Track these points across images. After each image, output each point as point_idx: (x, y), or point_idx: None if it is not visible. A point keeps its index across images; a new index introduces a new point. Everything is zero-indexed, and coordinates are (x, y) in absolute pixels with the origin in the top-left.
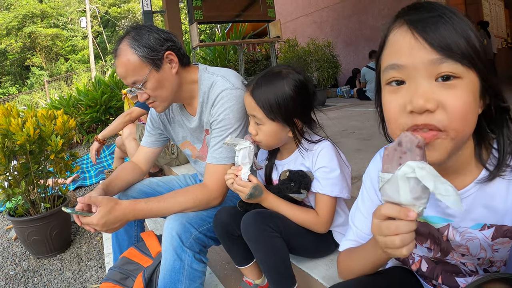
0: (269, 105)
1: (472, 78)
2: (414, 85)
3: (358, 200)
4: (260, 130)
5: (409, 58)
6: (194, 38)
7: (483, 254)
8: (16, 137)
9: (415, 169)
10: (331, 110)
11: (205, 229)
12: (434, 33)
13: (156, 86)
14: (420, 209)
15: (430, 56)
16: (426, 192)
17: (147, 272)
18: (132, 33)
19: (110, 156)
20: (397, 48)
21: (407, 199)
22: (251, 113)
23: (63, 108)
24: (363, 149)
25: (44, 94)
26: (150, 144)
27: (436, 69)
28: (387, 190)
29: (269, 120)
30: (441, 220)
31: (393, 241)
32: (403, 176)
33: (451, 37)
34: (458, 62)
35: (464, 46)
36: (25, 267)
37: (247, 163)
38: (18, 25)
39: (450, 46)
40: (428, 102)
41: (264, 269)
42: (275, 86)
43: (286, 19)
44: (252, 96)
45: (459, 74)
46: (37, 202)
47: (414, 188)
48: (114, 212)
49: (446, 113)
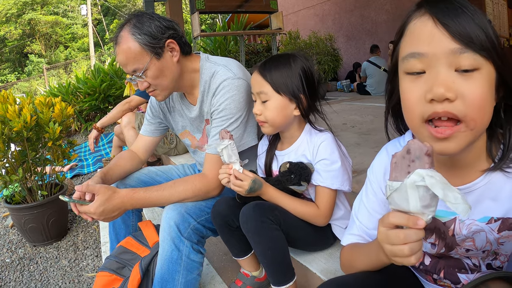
0: (276, 78)
1: (489, 70)
2: (434, 74)
3: (361, 194)
4: (266, 108)
5: (430, 47)
6: (195, 27)
7: (488, 247)
8: (13, 124)
9: (425, 177)
10: (331, 104)
11: (204, 220)
12: (455, 23)
13: (157, 74)
14: (429, 217)
15: (451, 45)
16: (435, 200)
17: (144, 262)
18: (133, 20)
19: (108, 145)
20: (417, 37)
21: (416, 208)
22: (258, 90)
23: (62, 95)
24: (362, 144)
25: (42, 81)
26: (149, 133)
27: (457, 58)
28: (395, 199)
29: (276, 93)
30: (448, 213)
31: (402, 250)
32: (412, 184)
33: (471, 28)
34: (477, 53)
35: (483, 38)
36: (21, 255)
37: (235, 161)
38: (17, 12)
39: (471, 37)
40: (449, 91)
41: (262, 261)
42: (283, 63)
43: (288, 11)
44: (259, 72)
45: (478, 65)
46: (34, 189)
47: (423, 196)
48: (112, 200)
49: (465, 102)
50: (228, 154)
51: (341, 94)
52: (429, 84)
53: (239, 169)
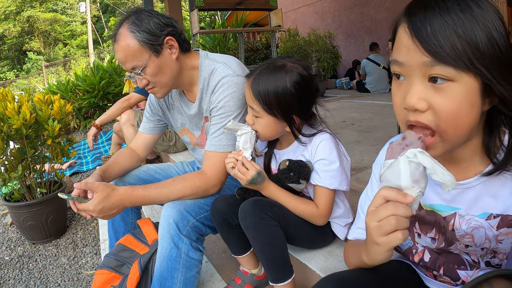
0: (268, 99)
1: (468, 81)
2: (409, 83)
3: (367, 188)
4: (257, 122)
5: (406, 57)
6: (194, 25)
7: (487, 244)
8: (12, 121)
9: (417, 153)
10: (331, 101)
11: (203, 217)
12: (428, 36)
13: (156, 71)
14: (417, 191)
15: (422, 58)
16: (424, 178)
17: (143, 260)
18: (132, 18)
19: (107, 142)
20: (398, 45)
21: (406, 181)
22: (249, 105)
23: (61, 93)
24: (362, 141)
25: (41, 79)
26: (148, 130)
27: (429, 70)
28: (388, 175)
29: (266, 113)
30: (448, 208)
31: (389, 220)
32: (405, 159)
33: (449, 38)
34: (450, 65)
35: (463, 49)
36: (20, 253)
37: (248, 148)
38: (16, 9)
39: (443, 50)
40: (419, 103)
41: (261, 258)
42: (277, 80)
43: (287, 9)
44: (252, 89)
45: (451, 77)
46: (33, 187)
47: (414, 172)
48: (110, 198)
49: (435, 114)
50: (245, 140)
51: (340, 92)
52: (405, 93)
53: (249, 157)
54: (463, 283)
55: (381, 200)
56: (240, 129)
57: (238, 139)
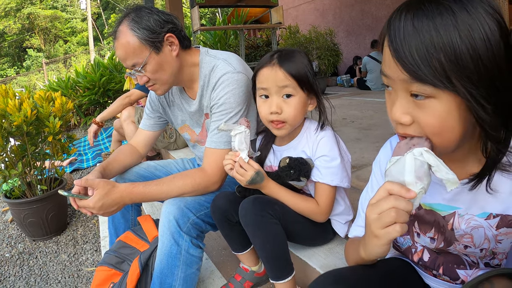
0: (300, 74)
1: (447, 99)
2: (395, 95)
3: (368, 186)
4: (288, 105)
5: (389, 71)
6: (195, 22)
7: (486, 245)
8: (13, 118)
9: (423, 152)
10: (331, 99)
11: (203, 214)
12: (405, 54)
13: (156, 69)
14: (420, 187)
15: (401, 75)
16: (427, 177)
17: (143, 257)
18: (131, 15)
19: (108, 139)
20: (385, 58)
21: (410, 177)
22: (281, 84)
23: (61, 90)
24: (362, 139)
25: (41, 76)
26: (149, 127)
27: (409, 87)
28: (393, 171)
29: (300, 90)
30: (447, 207)
31: (389, 213)
32: (411, 156)
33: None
34: (428, 83)
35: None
36: (20, 250)
37: (244, 149)
38: (16, 6)
39: (420, 68)
40: (402, 117)
41: (261, 255)
42: (298, 58)
43: (288, 6)
44: (281, 66)
45: (430, 94)
46: (34, 184)
47: (418, 169)
48: (111, 195)
49: (421, 127)
50: (240, 140)
51: (341, 89)
52: (392, 104)
53: (245, 158)
54: (462, 283)
55: (384, 193)
56: (234, 129)
57: (233, 139)
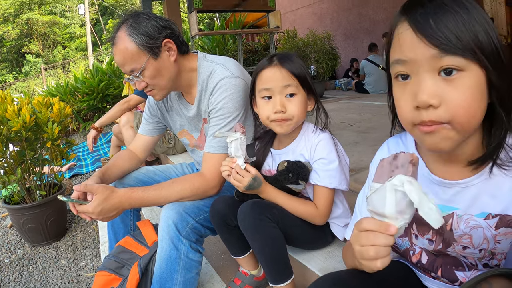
0: (300, 73)
1: (475, 71)
2: (418, 80)
3: (365, 187)
4: (292, 103)
5: (412, 53)
6: (193, 26)
7: (485, 245)
8: (11, 124)
9: (404, 183)
10: (330, 102)
11: (202, 219)
12: (432, 29)
13: (154, 74)
14: (401, 223)
15: (429, 51)
16: (410, 209)
17: (143, 261)
18: (130, 21)
19: (107, 144)
20: (401, 44)
21: (391, 211)
22: (284, 84)
23: (60, 95)
24: (360, 142)
25: (40, 81)
26: (148, 132)
27: (438, 62)
28: (374, 200)
29: (302, 89)
30: (445, 208)
31: (368, 251)
32: (392, 187)
33: (452, 30)
34: (459, 55)
35: (466, 39)
36: (20, 255)
37: (240, 155)
38: (15, 12)
39: (450, 40)
40: (432, 98)
41: (260, 259)
42: (296, 60)
43: (286, 10)
44: (283, 67)
45: (461, 67)
46: (33, 189)
47: (399, 202)
48: (110, 200)
49: (449, 107)
50: (236, 147)
51: (339, 93)
52: (414, 91)
53: (242, 165)
54: (461, 284)
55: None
56: (229, 136)
57: (229, 145)
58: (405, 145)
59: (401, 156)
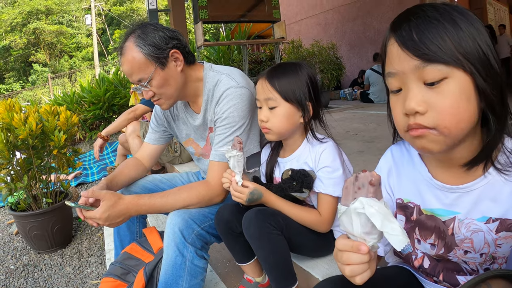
0: (284, 85)
1: (460, 77)
2: (406, 90)
3: None
4: (273, 115)
5: (399, 66)
6: (198, 37)
7: (486, 249)
8: (18, 132)
9: (365, 206)
10: (335, 112)
11: (207, 226)
12: (415, 42)
13: (162, 84)
14: (371, 243)
15: (413, 62)
16: (376, 229)
17: (148, 268)
18: (137, 31)
19: (113, 153)
20: (390, 58)
21: (358, 233)
22: (265, 97)
23: (67, 104)
24: (365, 151)
25: (47, 90)
26: (154, 141)
27: (422, 73)
28: (343, 221)
29: (283, 101)
30: (447, 212)
31: (343, 270)
32: (355, 210)
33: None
34: (441, 63)
35: (448, 47)
36: (25, 262)
37: (238, 172)
38: (22, 21)
39: (430, 50)
40: (418, 105)
41: (265, 266)
42: (291, 71)
43: (290, 20)
44: (267, 79)
45: (445, 74)
46: (39, 197)
47: (364, 224)
48: (117, 206)
49: (436, 113)
50: (233, 164)
51: (344, 103)
52: (403, 100)
53: (239, 181)
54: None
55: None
56: (226, 152)
57: (228, 160)
58: (408, 151)
59: (361, 176)
